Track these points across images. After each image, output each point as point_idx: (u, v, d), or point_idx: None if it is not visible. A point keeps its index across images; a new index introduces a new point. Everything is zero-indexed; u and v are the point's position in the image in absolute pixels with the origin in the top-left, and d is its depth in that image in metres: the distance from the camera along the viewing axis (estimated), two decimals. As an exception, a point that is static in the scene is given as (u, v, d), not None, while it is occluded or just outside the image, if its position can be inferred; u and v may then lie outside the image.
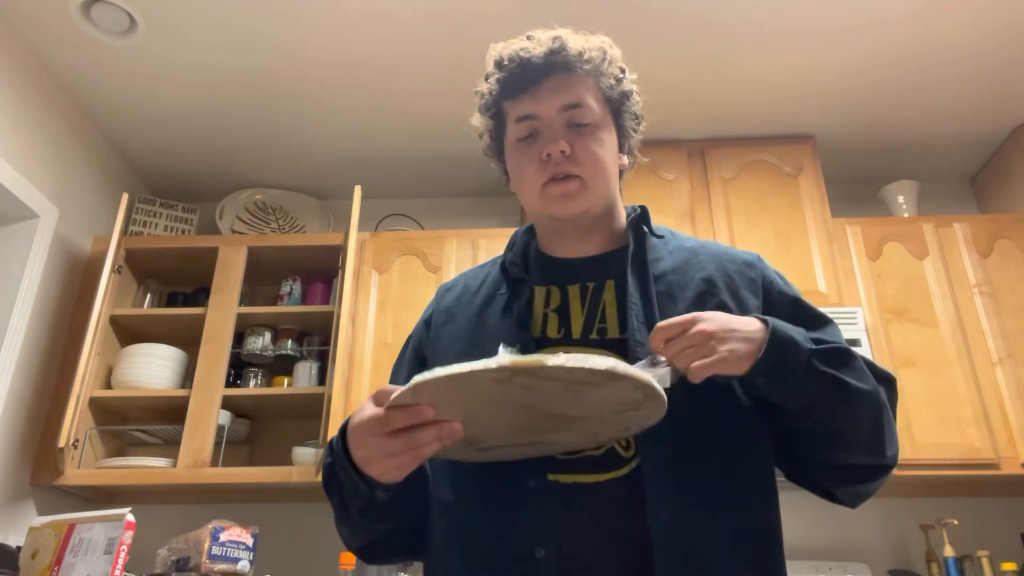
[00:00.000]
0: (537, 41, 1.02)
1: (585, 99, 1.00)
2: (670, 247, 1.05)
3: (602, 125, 1.02)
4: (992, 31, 2.46)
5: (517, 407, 0.75)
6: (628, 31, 2.43)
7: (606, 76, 1.03)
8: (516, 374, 0.69)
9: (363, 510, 0.87)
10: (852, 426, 0.90)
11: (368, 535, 0.96)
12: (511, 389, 0.71)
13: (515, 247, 1.09)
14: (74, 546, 1.80)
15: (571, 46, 1.00)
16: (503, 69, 1.02)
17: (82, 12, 2.33)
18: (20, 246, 2.49)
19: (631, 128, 1.07)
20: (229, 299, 2.69)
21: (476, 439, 0.82)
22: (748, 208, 2.80)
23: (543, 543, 0.85)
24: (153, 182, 3.20)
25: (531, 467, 0.88)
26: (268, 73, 2.62)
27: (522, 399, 0.73)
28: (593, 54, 1.01)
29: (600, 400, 0.75)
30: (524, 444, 0.85)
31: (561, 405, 0.75)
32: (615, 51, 1.05)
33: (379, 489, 0.84)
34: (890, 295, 2.62)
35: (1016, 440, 2.38)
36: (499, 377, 0.69)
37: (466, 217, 3.21)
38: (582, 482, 0.88)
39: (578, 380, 0.71)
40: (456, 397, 0.72)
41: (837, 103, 2.80)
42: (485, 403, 0.74)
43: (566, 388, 0.72)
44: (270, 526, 2.54)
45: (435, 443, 0.75)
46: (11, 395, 2.37)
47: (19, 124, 2.45)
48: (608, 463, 0.88)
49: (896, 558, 2.59)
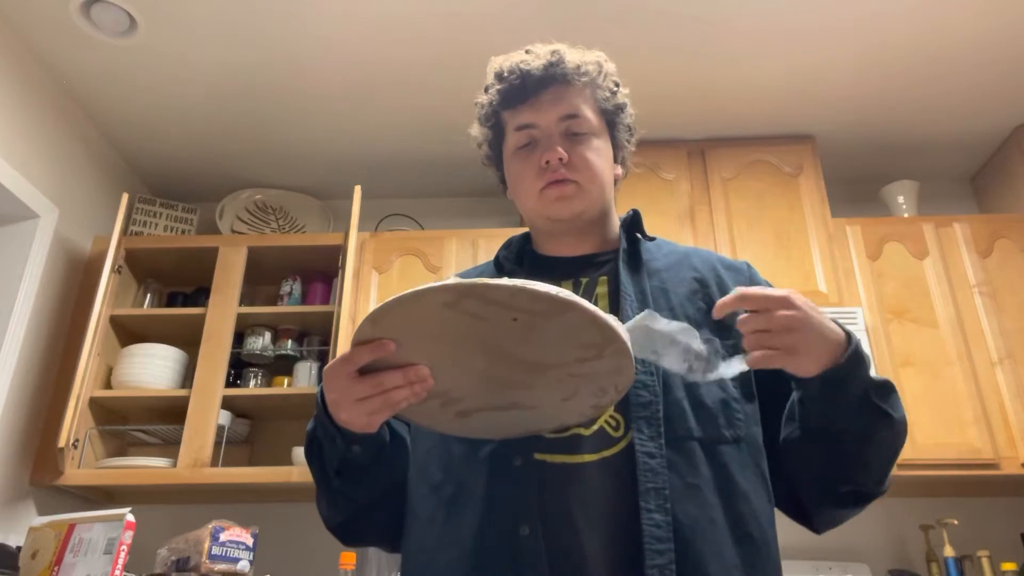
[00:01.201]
0: (536, 54, 1.06)
1: (582, 110, 1.05)
2: (664, 250, 1.09)
3: (598, 135, 1.06)
4: (992, 31, 2.46)
5: (476, 346, 0.75)
6: (628, 32, 2.43)
7: (602, 89, 1.07)
8: (462, 295, 0.69)
9: (340, 469, 0.89)
10: (879, 460, 0.91)
11: (346, 506, 0.96)
12: (462, 317, 0.71)
13: (511, 248, 1.12)
14: (74, 546, 1.80)
15: (568, 60, 1.05)
16: (503, 81, 1.06)
17: (82, 12, 2.33)
18: (20, 246, 2.49)
19: (624, 139, 1.12)
20: (229, 299, 2.69)
21: (448, 393, 0.81)
22: (748, 208, 2.80)
23: (527, 521, 0.85)
24: (153, 182, 3.20)
25: (517, 446, 0.89)
26: (268, 73, 2.62)
27: (477, 333, 0.73)
28: (589, 67, 1.06)
29: (555, 340, 0.74)
30: (502, 408, 0.84)
31: (517, 344, 0.75)
32: (610, 66, 1.10)
33: (355, 443, 0.86)
34: (890, 295, 2.62)
35: (1016, 440, 2.38)
36: (447, 300, 0.70)
37: (466, 217, 3.21)
38: (570, 462, 0.88)
39: (522, 307, 0.70)
40: (413, 328, 0.73)
41: (837, 103, 2.80)
42: (442, 338, 0.74)
43: (516, 319, 0.71)
44: (270, 526, 2.54)
45: (404, 387, 0.77)
46: (11, 395, 2.37)
47: (19, 124, 2.45)
48: (597, 443, 0.89)
49: (896, 558, 2.59)
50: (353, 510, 0.97)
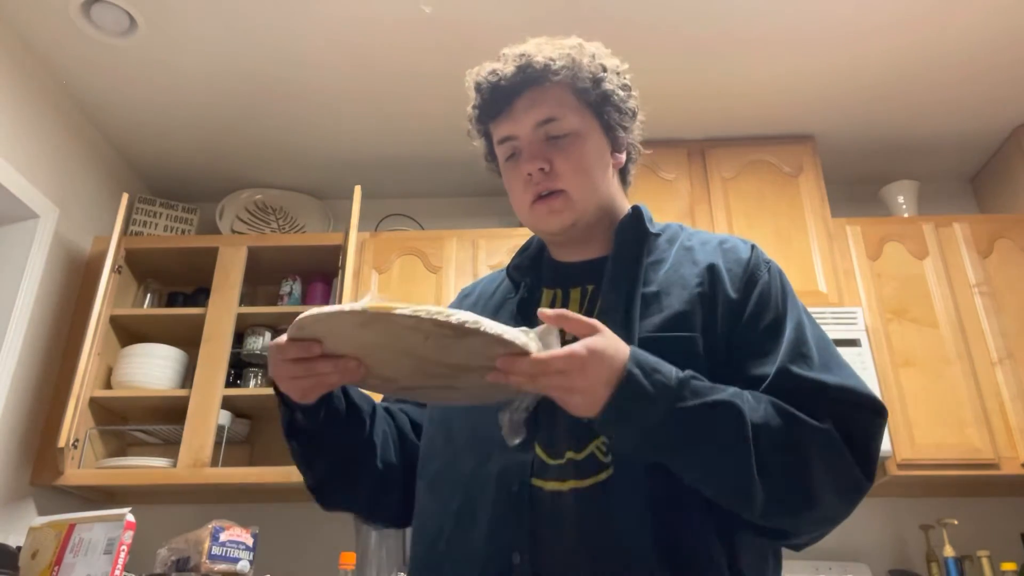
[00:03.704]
0: (505, 60, 1.03)
1: (559, 111, 1.01)
2: (673, 244, 1.04)
3: (582, 132, 1.01)
4: (992, 31, 2.46)
5: (397, 352, 0.80)
6: (628, 32, 2.43)
7: (581, 80, 1.01)
8: (371, 319, 0.74)
9: (290, 433, 0.94)
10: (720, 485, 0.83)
11: (309, 470, 1.00)
12: (376, 334, 0.76)
13: (528, 251, 1.12)
14: (74, 546, 1.80)
15: (537, 60, 1.00)
16: (480, 93, 1.05)
17: (82, 12, 2.33)
18: (20, 246, 2.49)
19: (619, 122, 1.05)
20: (229, 299, 2.69)
21: (384, 376, 0.86)
22: (748, 208, 2.80)
23: (519, 549, 0.86)
24: (153, 182, 3.20)
25: (515, 472, 0.89)
26: (269, 73, 2.62)
27: (396, 344, 0.78)
28: (561, 62, 1.00)
29: (470, 352, 0.77)
30: (440, 387, 0.88)
31: (436, 352, 0.78)
32: (589, 49, 1.04)
33: (296, 411, 0.91)
34: (890, 295, 2.62)
35: (1016, 440, 2.38)
36: (361, 321, 0.74)
37: (466, 217, 3.21)
38: (563, 489, 0.88)
39: (429, 331, 0.74)
40: (336, 336, 0.79)
41: (837, 103, 2.80)
42: (365, 344, 0.79)
43: (426, 338, 0.75)
44: (270, 526, 2.54)
45: (335, 374, 0.82)
46: (11, 395, 2.37)
47: (19, 124, 2.45)
48: (589, 468, 0.88)
49: (896, 558, 2.59)
50: (322, 475, 1.00)
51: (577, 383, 0.77)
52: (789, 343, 0.91)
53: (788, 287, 1.00)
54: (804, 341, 0.92)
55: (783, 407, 0.85)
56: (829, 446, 0.85)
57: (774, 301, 0.96)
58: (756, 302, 0.95)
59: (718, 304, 0.94)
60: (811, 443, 0.84)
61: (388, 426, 1.06)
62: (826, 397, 0.87)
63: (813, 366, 0.90)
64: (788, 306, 0.96)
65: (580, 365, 0.77)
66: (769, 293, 0.96)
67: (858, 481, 0.86)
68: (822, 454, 0.84)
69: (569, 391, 0.78)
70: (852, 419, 0.87)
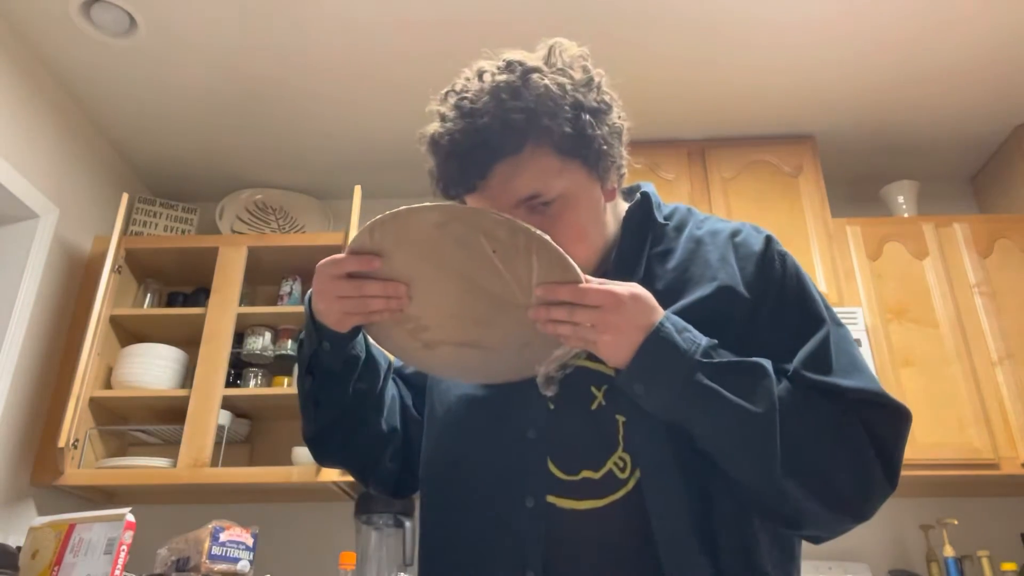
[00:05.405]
0: (461, 114, 0.91)
1: (542, 184, 0.89)
2: (683, 234, 0.99)
3: (570, 192, 0.90)
4: (992, 31, 2.46)
5: (453, 273, 0.82)
6: (628, 32, 2.43)
7: (555, 130, 0.88)
8: (452, 218, 0.77)
9: (311, 367, 0.95)
10: (740, 458, 0.83)
11: (316, 415, 1.00)
12: (447, 240, 0.79)
13: None
14: (74, 546, 1.80)
15: (500, 124, 0.87)
16: (441, 159, 0.93)
17: (82, 12, 2.33)
18: (20, 246, 2.49)
19: (606, 154, 0.93)
20: (229, 299, 2.69)
21: (419, 320, 0.88)
22: (748, 208, 2.80)
23: (532, 567, 0.85)
24: (153, 182, 3.20)
25: (530, 486, 0.88)
26: (268, 73, 2.62)
27: (456, 260, 0.80)
28: (527, 118, 0.87)
29: (527, 272, 0.79)
30: (466, 344, 0.89)
31: (489, 277, 0.81)
32: (553, 80, 0.89)
33: (325, 340, 0.91)
34: (890, 295, 2.62)
35: (1016, 440, 2.38)
36: (438, 221, 0.77)
37: (466, 217, 3.20)
38: (580, 509, 0.86)
39: (505, 237, 0.77)
40: (403, 243, 0.81)
41: (837, 103, 2.80)
42: (427, 258, 0.81)
43: (495, 250, 0.78)
44: (270, 526, 2.54)
45: (381, 298, 0.83)
46: (11, 395, 2.37)
47: (19, 124, 2.45)
48: (607, 487, 0.86)
49: (896, 558, 2.59)
50: (326, 421, 1.00)
51: (611, 320, 0.79)
52: (807, 347, 0.88)
53: (805, 282, 0.94)
54: (822, 344, 0.88)
55: (806, 390, 0.85)
56: (851, 436, 0.84)
57: (789, 299, 0.92)
58: (770, 301, 0.91)
59: (730, 304, 0.91)
60: (835, 425, 0.84)
61: (396, 391, 1.07)
62: (844, 400, 0.85)
63: (831, 371, 0.86)
64: (805, 306, 0.92)
65: (617, 303, 0.79)
66: (784, 293, 0.92)
67: (873, 471, 0.86)
68: (841, 435, 0.84)
69: (602, 329, 0.79)
70: (875, 420, 0.85)
